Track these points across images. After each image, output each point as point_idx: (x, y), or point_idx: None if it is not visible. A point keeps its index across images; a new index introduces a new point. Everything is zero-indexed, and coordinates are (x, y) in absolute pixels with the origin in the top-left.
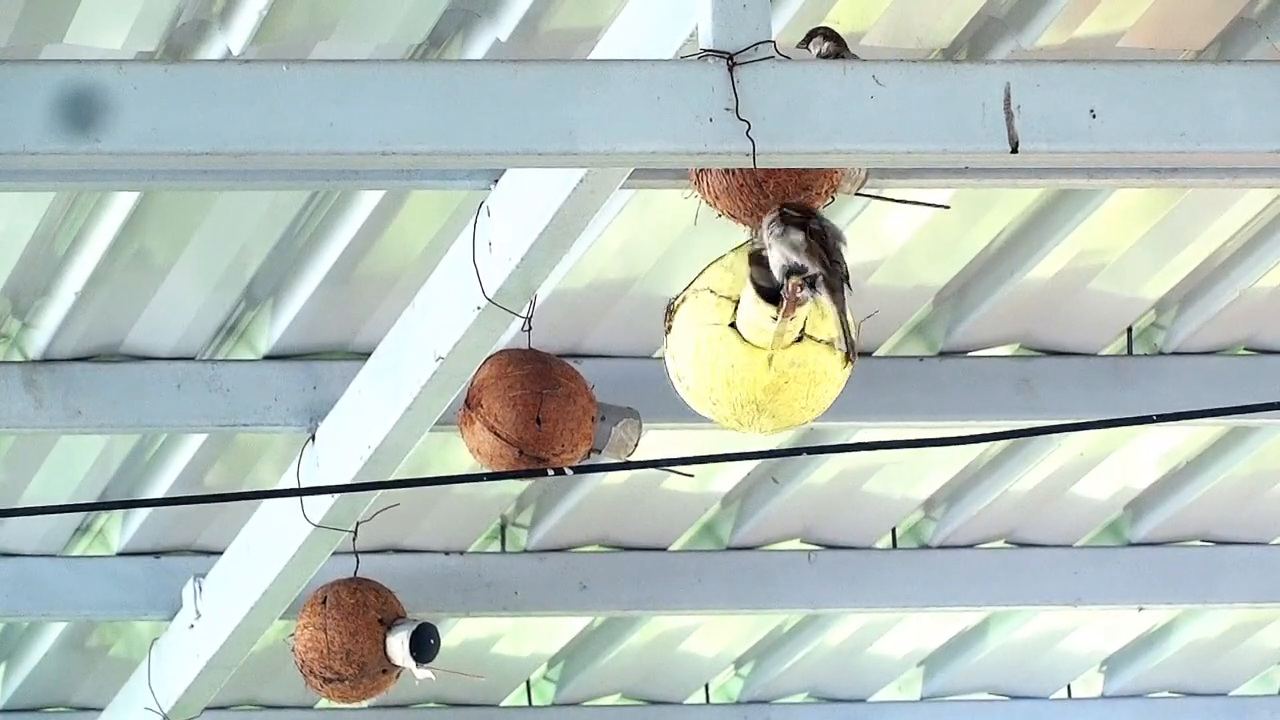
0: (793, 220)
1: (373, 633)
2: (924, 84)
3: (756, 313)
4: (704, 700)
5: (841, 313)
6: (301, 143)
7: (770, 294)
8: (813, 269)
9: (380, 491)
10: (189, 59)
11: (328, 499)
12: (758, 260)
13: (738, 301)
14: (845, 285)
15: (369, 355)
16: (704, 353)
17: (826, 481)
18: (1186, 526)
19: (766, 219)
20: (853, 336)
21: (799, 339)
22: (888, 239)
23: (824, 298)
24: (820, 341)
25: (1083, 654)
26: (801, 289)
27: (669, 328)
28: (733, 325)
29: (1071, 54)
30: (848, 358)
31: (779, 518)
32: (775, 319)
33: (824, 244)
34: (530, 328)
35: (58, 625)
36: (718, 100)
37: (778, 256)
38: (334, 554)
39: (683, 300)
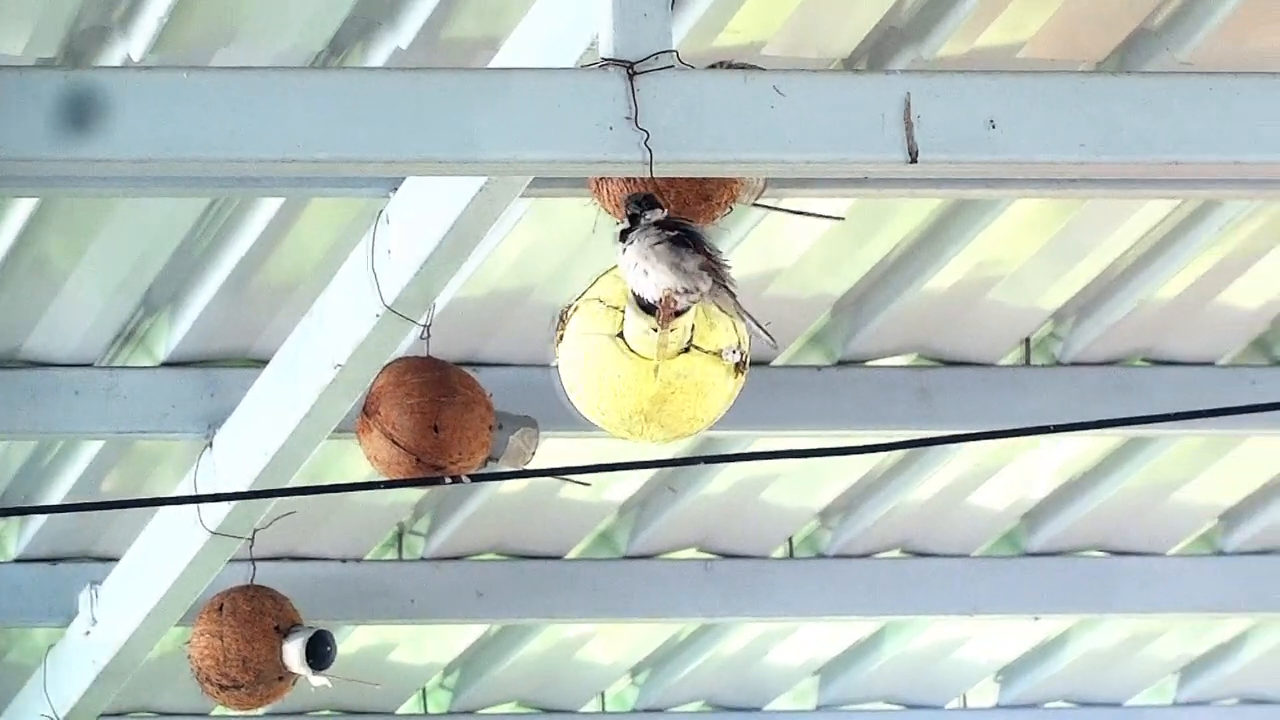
0: (677, 239)
1: (269, 640)
2: (824, 94)
3: (638, 324)
4: (600, 709)
5: (744, 315)
6: (201, 150)
7: (650, 306)
8: (704, 288)
9: (277, 499)
10: (89, 65)
11: (225, 506)
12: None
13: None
14: (730, 289)
15: (267, 362)
16: (592, 362)
17: (723, 491)
18: (1083, 537)
19: (643, 237)
20: (743, 350)
21: (686, 350)
22: (786, 249)
23: (723, 305)
24: (708, 352)
25: (978, 663)
26: (678, 300)
27: (560, 336)
28: (620, 335)
29: (972, 64)
30: (739, 368)
31: (676, 527)
32: (655, 330)
33: (714, 259)
34: (429, 336)
35: None
36: (618, 109)
37: (659, 280)
38: (231, 561)
39: (574, 309)
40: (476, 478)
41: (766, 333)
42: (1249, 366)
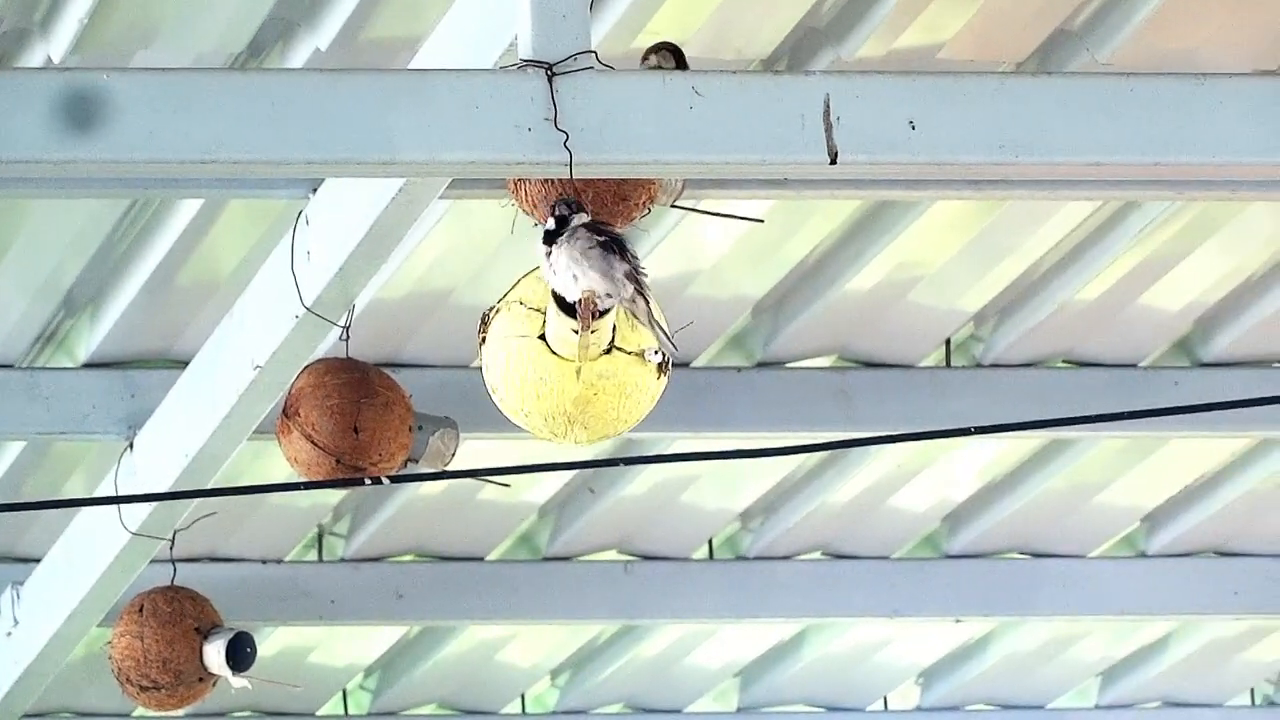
0: (606, 244)
1: (189, 641)
2: (743, 95)
3: (560, 325)
4: (520, 710)
5: (655, 325)
6: (121, 151)
7: (572, 307)
8: (627, 294)
9: (197, 500)
10: (9, 67)
11: (145, 507)
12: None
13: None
14: (647, 298)
15: (188, 364)
16: (515, 364)
17: (643, 492)
18: (1004, 539)
19: (573, 241)
20: (671, 345)
21: (608, 351)
22: (705, 249)
23: (636, 314)
24: (630, 353)
25: (900, 666)
26: (599, 302)
27: (483, 339)
28: (542, 337)
29: (891, 65)
30: (661, 368)
31: (596, 528)
32: (577, 331)
33: (636, 267)
34: (348, 337)
35: None
36: (537, 110)
37: (589, 284)
38: (151, 562)
39: (496, 312)
40: (396, 479)
41: (672, 343)
42: (1171, 368)
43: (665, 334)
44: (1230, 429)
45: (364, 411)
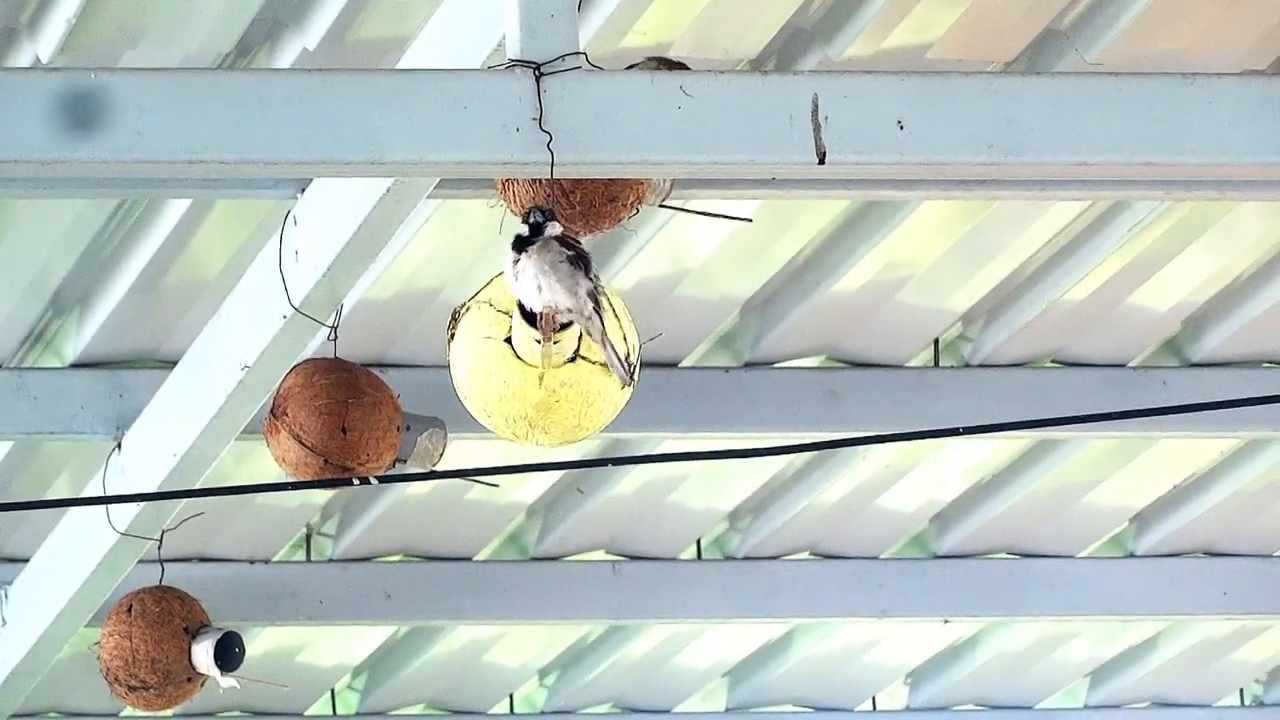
0: (574, 259)
1: (178, 641)
2: (731, 94)
3: (523, 332)
4: (508, 710)
5: (608, 346)
6: (109, 151)
7: (534, 316)
8: (586, 312)
9: (186, 500)
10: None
11: (133, 507)
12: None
13: None
14: (603, 319)
15: (176, 364)
16: (479, 365)
17: (631, 492)
18: (992, 539)
19: (544, 251)
20: (630, 361)
21: (573, 359)
22: (694, 249)
23: (591, 333)
24: (595, 363)
25: (888, 666)
26: (559, 317)
27: (452, 335)
28: (508, 340)
29: (880, 65)
30: (627, 378)
31: (584, 528)
32: (540, 341)
33: (598, 286)
34: (336, 337)
35: None
36: (525, 111)
37: (552, 297)
38: (139, 562)
39: (467, 309)
40: (385, 479)
41: (623, 364)
42: (1159, 368)
43: (618, 357)
44: (1219, 429)
45: (352, 411)
